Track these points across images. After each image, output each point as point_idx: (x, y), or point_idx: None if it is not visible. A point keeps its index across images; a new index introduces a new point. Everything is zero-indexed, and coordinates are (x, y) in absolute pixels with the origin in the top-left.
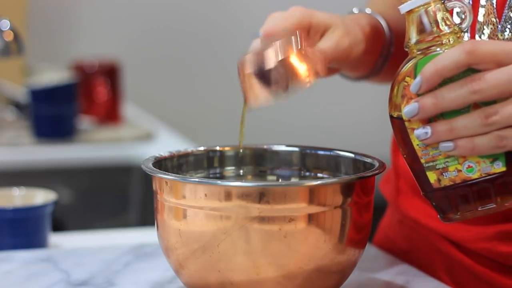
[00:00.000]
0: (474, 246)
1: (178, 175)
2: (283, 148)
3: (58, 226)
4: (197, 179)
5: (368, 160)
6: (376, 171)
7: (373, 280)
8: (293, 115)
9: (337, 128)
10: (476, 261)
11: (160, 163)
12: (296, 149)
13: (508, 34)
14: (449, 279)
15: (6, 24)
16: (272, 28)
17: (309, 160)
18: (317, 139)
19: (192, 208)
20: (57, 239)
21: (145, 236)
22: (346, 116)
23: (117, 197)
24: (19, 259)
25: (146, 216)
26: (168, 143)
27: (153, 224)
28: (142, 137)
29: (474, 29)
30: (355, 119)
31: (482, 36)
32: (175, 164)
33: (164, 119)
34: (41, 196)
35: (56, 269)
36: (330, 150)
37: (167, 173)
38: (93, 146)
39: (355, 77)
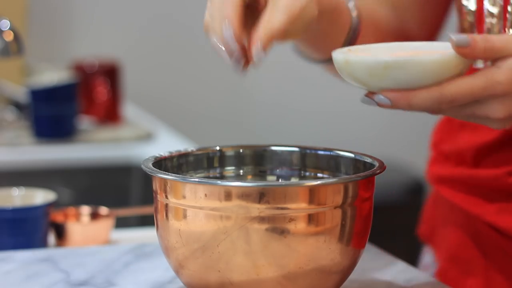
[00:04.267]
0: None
1: (178, 175)
2: (283, 148)
3: None
4: (197, 179)
5: (368, 160)
6: (376, 171)
7: (373, 280)
8: (292, 114)
9: (337, 126)
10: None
11: (160, 163)
12: (296, 149)
13: None
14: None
15: (6, 24)
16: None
17: (309, 160)
18: (318, 138)
19: (192, 208)
20: None
21: (145, 236)
22: (346, 114)
23: (117, 197)
24: (19, 259)
25: (146, 216)
26: (168, 143)
27: (153, 224)
28: (142, 137)
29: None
30: (356, 117)
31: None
32: (175, 164)
33: (164, 119)
34: (40, 196)
35: (56, 269)
36: (330, 150)
37: (167, 173)
38: (93, 146)
39: (315, 59)
